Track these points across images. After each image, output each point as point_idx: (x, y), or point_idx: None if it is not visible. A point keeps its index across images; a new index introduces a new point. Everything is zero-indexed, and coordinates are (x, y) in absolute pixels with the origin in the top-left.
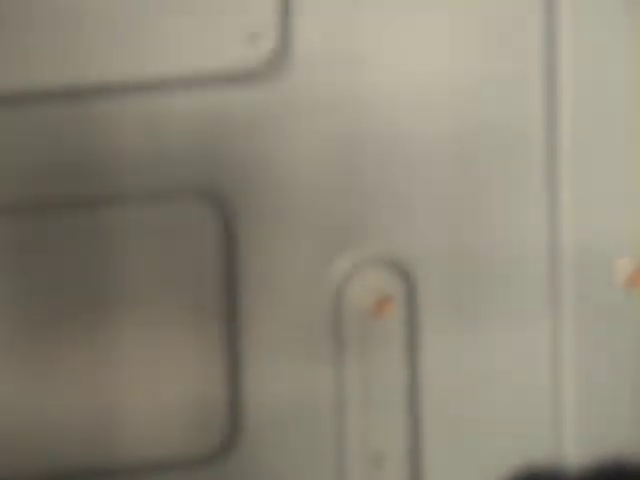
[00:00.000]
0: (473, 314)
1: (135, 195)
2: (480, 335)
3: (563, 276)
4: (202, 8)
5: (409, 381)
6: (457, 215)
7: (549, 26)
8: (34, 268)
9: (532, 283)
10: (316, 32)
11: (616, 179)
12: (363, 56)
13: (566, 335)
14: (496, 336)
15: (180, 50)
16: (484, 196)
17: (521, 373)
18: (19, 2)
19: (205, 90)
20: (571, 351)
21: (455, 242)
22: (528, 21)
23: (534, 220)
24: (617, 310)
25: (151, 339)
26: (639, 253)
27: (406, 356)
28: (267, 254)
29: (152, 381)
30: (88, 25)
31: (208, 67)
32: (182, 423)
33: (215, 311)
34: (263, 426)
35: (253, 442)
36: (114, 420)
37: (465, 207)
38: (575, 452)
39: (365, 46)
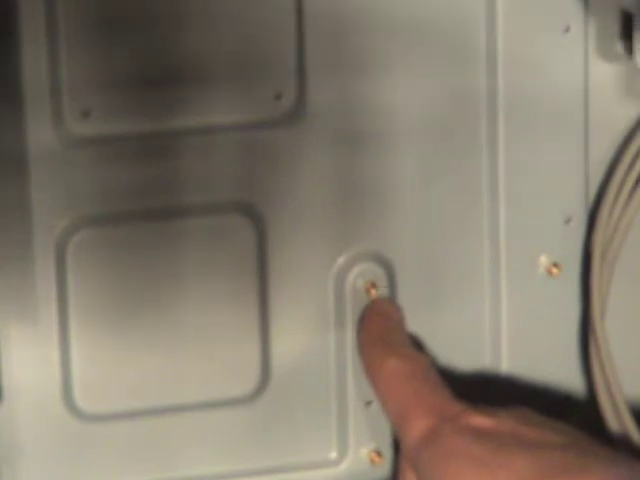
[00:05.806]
0: (440, 295)
1: (190, 209)
2: (443, 312)
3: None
4: (239, 73)
5: None
6: (430, 218)
7: None
8: (122, 271)
9: (481, 271)
10: (326, 91)
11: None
12: (365, 109)
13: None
14: (455, 312)
15: (225, 104)
16: (453, 202)
17: (469, 342)
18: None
19: (244, 133)
20: (507, 322)
21: (428, 240)
22: None
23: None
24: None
25: (202, 320)
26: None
27: None
28: (290, 254)
29: (204, 345)
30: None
31: (246, 117)
32: (224, 374)
33: (251, 298)
34: (285, 377)
35: (278, 389)
36: (176, 371)
37: (436, 212)
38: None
39: (367, 100)
